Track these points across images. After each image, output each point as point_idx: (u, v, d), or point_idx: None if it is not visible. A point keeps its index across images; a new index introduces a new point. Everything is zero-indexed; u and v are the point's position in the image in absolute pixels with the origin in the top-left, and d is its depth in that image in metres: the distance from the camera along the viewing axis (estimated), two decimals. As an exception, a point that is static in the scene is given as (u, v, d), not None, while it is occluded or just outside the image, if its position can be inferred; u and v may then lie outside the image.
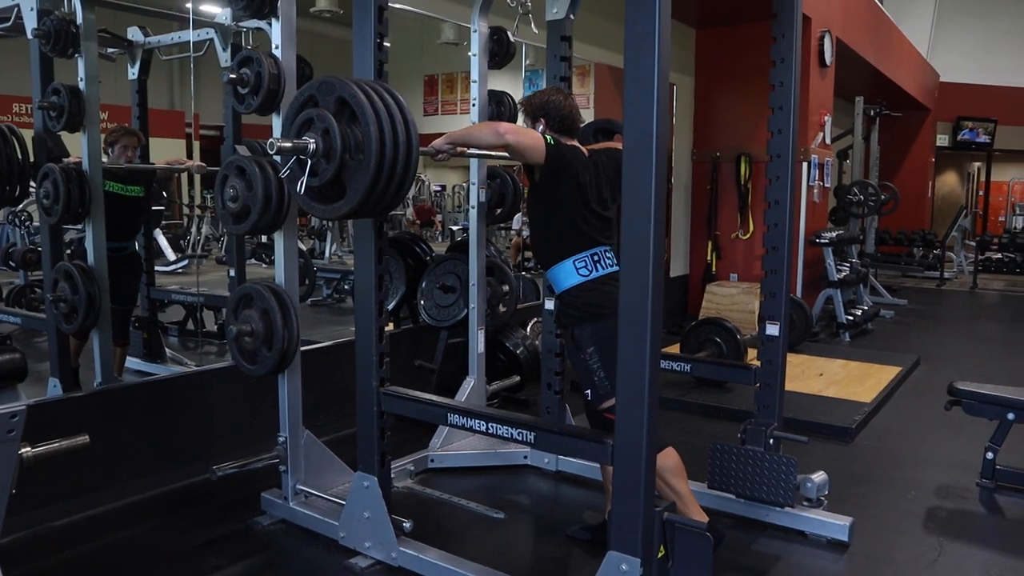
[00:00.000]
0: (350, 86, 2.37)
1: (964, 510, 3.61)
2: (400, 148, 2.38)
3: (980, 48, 15.55)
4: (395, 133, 2.37)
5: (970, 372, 3.99)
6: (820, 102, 7.65)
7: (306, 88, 2.49)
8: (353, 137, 2.37)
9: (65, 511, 3.26)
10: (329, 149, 2.38)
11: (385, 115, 2.35)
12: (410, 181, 2.46)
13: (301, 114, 2.46)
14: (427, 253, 5.26)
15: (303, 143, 2.40)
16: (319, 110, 2.41)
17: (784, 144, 3.14)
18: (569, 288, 2.86)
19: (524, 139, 2.75)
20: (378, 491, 2.89)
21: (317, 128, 2.40)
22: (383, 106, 2.37)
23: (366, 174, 2.34)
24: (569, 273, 2.85)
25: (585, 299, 2.82)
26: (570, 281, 2.85)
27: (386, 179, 2.37)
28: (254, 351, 3.05)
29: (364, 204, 2.40)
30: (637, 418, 2.19)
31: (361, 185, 2.36)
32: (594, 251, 2.86)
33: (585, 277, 2.83)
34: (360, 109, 2.33)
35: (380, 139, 2.33)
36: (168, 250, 9.65)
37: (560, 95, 2.97)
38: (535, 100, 2.98)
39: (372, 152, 2.32)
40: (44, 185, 3.71)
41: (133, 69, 5.27)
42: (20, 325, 4.64)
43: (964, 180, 17.59)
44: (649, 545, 2.26)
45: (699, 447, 4.11)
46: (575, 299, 2.84)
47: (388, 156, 2.35)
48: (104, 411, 3.52)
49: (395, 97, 2.44)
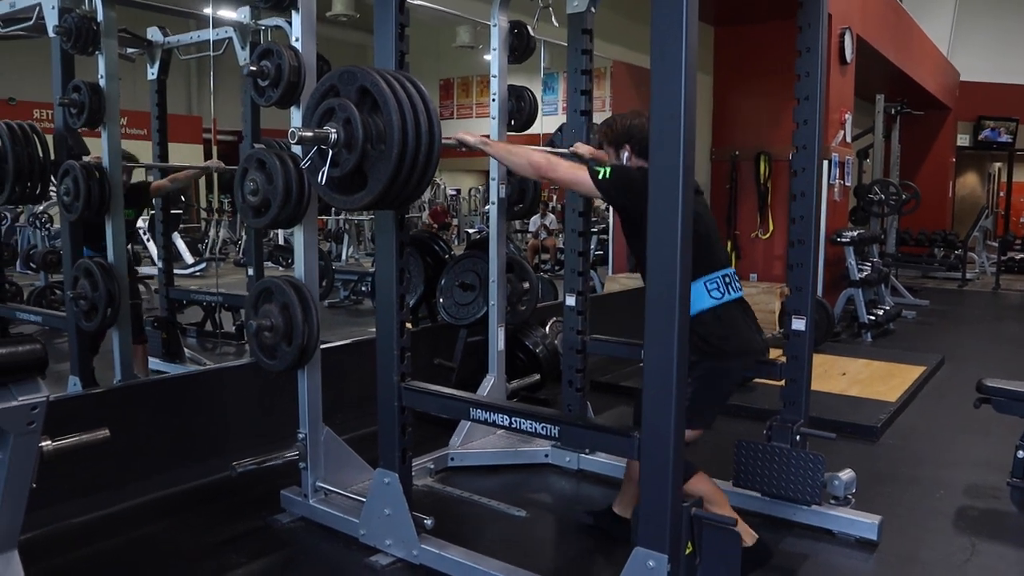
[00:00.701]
0: (372, 75, 2.35)
1: (996, 510, 3.54)
2: (423, 137, 2.35)
3: (1001, 47, 15.40)
4: (417, 122, 2.34)
5: (996, 372, 3.90)
6: (840, 100, 7.58)
7: (327, 78, 2.47)
8: (375, 127, 2.34)
9: (84, 508, 3.25)
10: (351, 139, 2.35)
11: (407, 104, 2.33)
12: (432, 171, 2.43)
13: (322, 104, 2.44)
14: (446, 251, 5.23)
15: (324, 132, 2.37)
16: (340, 99, 2.39)
17: (810, 135, 3.09)
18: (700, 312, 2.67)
19: (564, 176, 2.71)
20: (399, 487, 2.85)
21: (338, 117, 2.38)
22: (405, 95, 2.34)
23: (388, 164, 2.31)
24: (700, 295, 2.68)
25: (709, 329, 2.68)
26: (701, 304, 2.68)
27: (408, 169, 2.34)
28: (274, 346, 3.03)
29: (386, 194, 2.37)
30: (665, 412, 2.15)
31: (383, 175, 2.33)
32: (726, 272, 2.75)
33: (717, 301, 2.72)
34: (382, 98, 2.31)
35: (403, 128, 2.30)
36: (186, 253, 9.70)
37: (642, 118, 2.75)
38: (617, 126, 2.83)
39: (394, 141, 2.29)
40: (65, 182, 3.72)
41: (152, 69, 5.29)
42: (41, 324, 4.65)
43: (985, 180, 17.41)
44: (677, 541, 2.22)
45: (721, 445, 4.05)
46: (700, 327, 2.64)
47: (410, 145, 2.32)
48: (124, 407, 3.52)
49: (417, 86, 2.41)
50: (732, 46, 7.68)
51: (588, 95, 3.68)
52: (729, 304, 2.74)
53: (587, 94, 3.67)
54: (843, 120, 7.63)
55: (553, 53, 8.22)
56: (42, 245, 7.88)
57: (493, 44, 3.87)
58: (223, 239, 11.93)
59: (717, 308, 2.71)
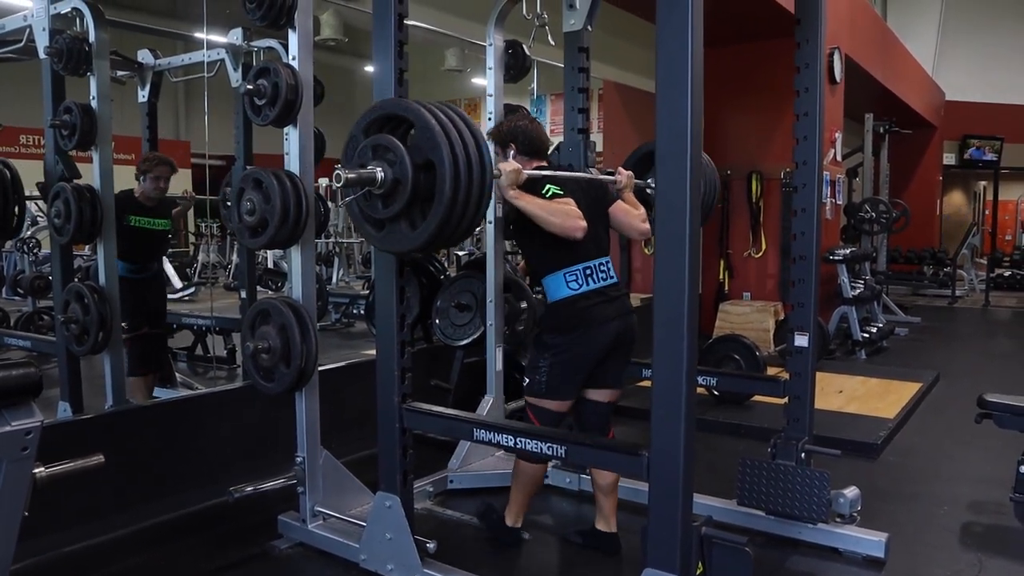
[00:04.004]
0: (416, 108, 2.27)
1: (1001, 525, 3.51)
2: (475, 177, 2.24)
3: (985, 66, 15.56)
4: (469, 163, 2.23)
5: (991, 387, 3.89)
6: (831, 119, 7.60)
7: (363, 117, 2.39)
8: (422, 160, 2.23)
9: (77, 537, 3.16)
10: (398, 178, 2.25)
11: (457, 140, 2.23)
12: (485, 208, 2.36)
13: (365, 140, 2.35)
14: (441, 272, 5.19)
15: (370, 174, 2.28)
16: (383, 136, 2.30)
17: (811, 151, 3.08)
18: (558, 300, 2.97)
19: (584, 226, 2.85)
20: (401, 511, 2.80)
21: (382, 155, 2.28)
22: (454, 129, 2.25)
23: (440, 205, 2.21)
24: (559, 285, 2.95)
25: (569, 312, 2.94)
26: (560, 293, 2.96)
27: (461, 207, 2.24)
28: (271, 368, 2.97)
29: (437, 235, 2.27)
30: (674, 431, 2.12)
31: (434, 217, 2.23)
32: (587, 265, 2.97)
33: (575, 291, 2.94)
34: (429, 133, 2.22)
35: (453, 164, 2.20)
36: (174, 277, 9.61)
37: (526, 120, 3.14)
38: (503, 128, 3.15)
39: (446, 178, 2.18)
40: (55, 204, 3.66)
41: (143, 92, 5.25)
42: (30, 349, 4.57)
43: (971, 199, 17.52)
44: (688, 562, 2.17)
45: (721, 465, 4.04)
46: (560, 311, 2.96)
47: (463, 183, 2.22)
48: (116, 433, 3.45)
49: (464, 117, 2.32)
50: (723, 66, 7.67)
51: (585, 113, 3.67)
52: (584, 293, 2.95)
53: (584, 112, 3.66)
54: (833, 139, 7.66)
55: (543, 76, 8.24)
56: (29, 270, 7.80)
57: (489, 63, 3.86)
58: (213, 263, 11.86)
59: (572, 297, 2.94)
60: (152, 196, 4.58)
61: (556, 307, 2.97)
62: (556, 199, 2.87)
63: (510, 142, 3.07)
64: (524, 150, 3.06)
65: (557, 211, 2.82)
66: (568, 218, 2.81)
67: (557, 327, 2.96)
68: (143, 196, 4.58)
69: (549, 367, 2.95)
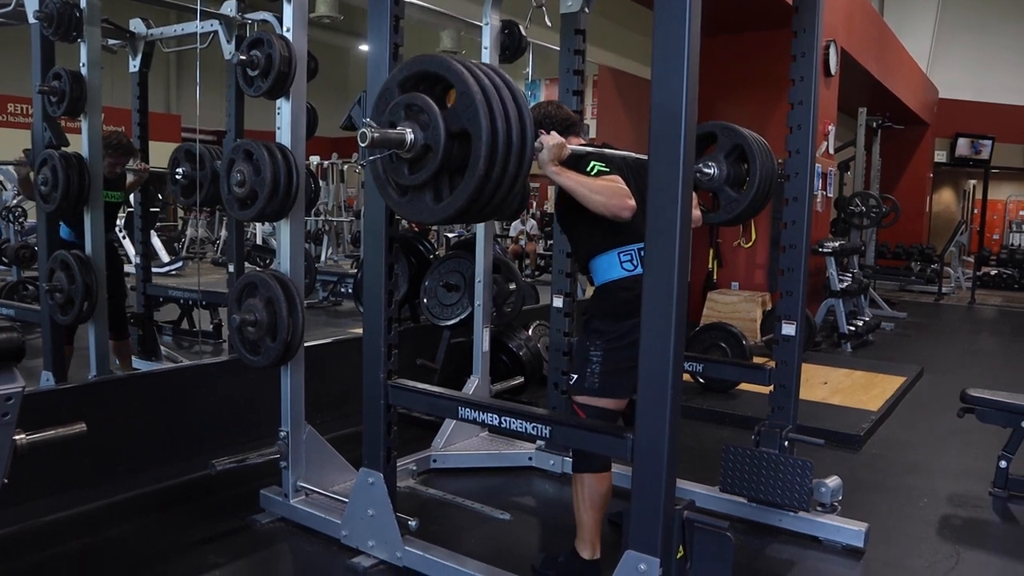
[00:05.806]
0: (461, 72, 2.05)
1: (978, 518, 3.54)
2: (513, 154, 2.06)
3: (979, 65, 15.61)
4: (509, 138, 2.04)
5: (974, 383, 3.92)
6: (824, 111, 7.61)
7: (401, 69, 2.20)
8: (456, 125, 2.05)
9: (56, 506, 3.15)
10: (430, 142, 2.06)
11: (500, 110, 2.03)
12: (523, 178, 2.14)
13: (400, 97, 2.13)
14: (431, 251, 5.18)
15: (399, 135, 2.07)
16: (416, 95, 2.09)
17: (804, 140, 3.08)
18: (610, 281, 2.69)
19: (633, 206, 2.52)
20: (383, 488, 2.79)
21: (415, 116, 2.07)
22: (498, 98, 2.04)
23: (471, 181, 2.02)
24: (612, 265, 2.68)
25: (625, 296, 2.64)
26: (612, 274, 2.68)
27: (497, 177, 2.04)
28: (257, 341, 2.96)
29: (469, 207, 2.08)
30: (660, 414, 2.11)
31: (462, 193, 2.06)
32: (643, 246, 2.59)
33: (629, 272, 2.66)
34: (467, 92, 2.02)
35: (491, 129, 1.99)
36: (162, 251, 9.57)
37: (552, 106, 2.90)
38: (533, 114, 2.82)
39: (482, 144, 1.99)
40: (43, 171, 3.62)
41: (135, 62, 5.20)
42: (13, 318, 4.54)
43: (960, 197, 17.62)
44: (668, 545, 2.18)
45: (706, 452, 4.06)
46: (613, 293, 2.68)
47: (500, 150, 2.02)
48: (99, 403, 3.43)
49: (504, 78, 2.12)
50: (714, 56, 7.66)
51: (580, 95, 3.65)
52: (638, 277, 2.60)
53: (579, 94, 3.64)
54: (826, 131, 7.67)
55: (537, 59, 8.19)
56: (14, 239, 7.73)
57: (484, 43, 3.83)
58: (201, 238, 11.82)
59: (627, 279, 2.64)
60: (106, 176, 4.53)
61: (608, 289, 2.69)
62: (602, 176, 2.57)
63: (538, 131, 2.73)
64: (560, 132, 2.74)
65: (602, 188, 2.51)
66: (615, 196, 2.48)
67: (610, 312, 2.67)
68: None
69: (602, 359, 2.65)
